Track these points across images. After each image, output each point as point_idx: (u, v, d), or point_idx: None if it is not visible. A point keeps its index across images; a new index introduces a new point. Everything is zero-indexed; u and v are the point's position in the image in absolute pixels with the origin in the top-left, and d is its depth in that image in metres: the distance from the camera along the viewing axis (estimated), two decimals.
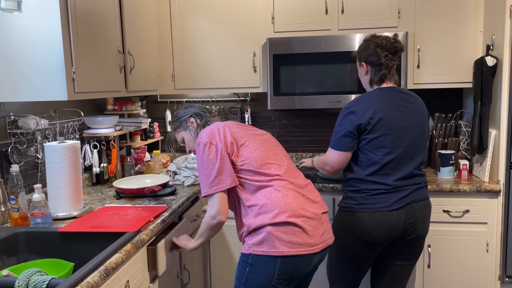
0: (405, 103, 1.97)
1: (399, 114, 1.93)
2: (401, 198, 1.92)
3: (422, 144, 1.99)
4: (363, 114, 1.89)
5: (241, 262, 1.70)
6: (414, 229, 1.96)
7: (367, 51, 2.00)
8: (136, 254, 1.65)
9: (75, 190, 1.95)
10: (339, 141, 1.94)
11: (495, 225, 2.45)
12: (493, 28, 2.49)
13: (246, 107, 3.11)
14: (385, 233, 1.92)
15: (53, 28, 1.76)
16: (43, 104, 2.20)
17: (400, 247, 2.01)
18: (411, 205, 1.94)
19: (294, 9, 2.75)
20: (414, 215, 1.95)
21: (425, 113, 2.04)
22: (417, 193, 1.97)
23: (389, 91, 1.97)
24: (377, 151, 1.91)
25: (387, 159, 1.91)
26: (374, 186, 1.92)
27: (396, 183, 1.92)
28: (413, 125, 1.95)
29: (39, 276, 1.32)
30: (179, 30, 2.85)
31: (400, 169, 1.93)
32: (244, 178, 1.68)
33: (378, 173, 1.92)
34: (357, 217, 1.94)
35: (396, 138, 1.91)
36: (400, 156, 1.92)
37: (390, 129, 1.90)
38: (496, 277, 2.49)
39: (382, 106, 1.92)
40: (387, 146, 1.90)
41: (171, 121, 1.99)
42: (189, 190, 2.41)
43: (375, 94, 1.96)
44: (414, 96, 2.03)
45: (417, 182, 1.98)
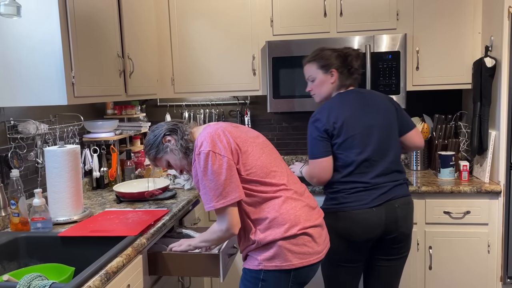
0: (366, 102, 1.99)
1: (362, 113, 1.95)
2: (380, 195, 1.91)
3: (393, 139, 1.99)
4: (327, 120, 1.93)
5: (250, 278, 1.62)
6: (396, 227, 1.94)
7: (338, 59, 2.01)
8: (136, 258, 1.65)
9: (75, 195, 1.95)
10: (314, 149, 1.95)
11: (496, 226, 2.45)
12: (491, 29, 2.50)
13: (245, 110, 3.11)
14: (367, 231, 1.90)
15: (52, 33, 1.76)
16: (43, 109, 2.20)
17: (386, 247, 1.99)
18: (391, 202, 1.93)
19: (293, 12, 2.76)
20: (395, 212, 1.93)
21: (391, 106, 2.03)
22: (397, 190, 1.96)
23: (349, 94, 2.01)
24: (349, 153, 1.92)
25: (360, 159, 1.91)
26: (351, 185, 1.92)
27: (374, 180, 1.92)
28: (379, 122, 1.96)
29: (40, 280, 1.31)
30: (178, 33, 2.86)
31: (375, 166, 1.93)
32: (249, 188, 1.57)
33: (354, 173, 1.92)
34: (339, 217, 1.93)
35: (364, 138, 1.92)
36: (373, 154, 1.93)
37: (355, 130, 1.92)
38: (497, 278, 2.48)
39: (344, 110, 1.94)
40: (357, 147, 1.92)
41: (145, 152, 1.74)
42: (189, 193, 2.41)
43: (337, 100, 1.99)
44: (374, 93, 2.05)
45: (396, 178, 1.97)
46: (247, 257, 1.66)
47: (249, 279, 1.62)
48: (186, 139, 1.65)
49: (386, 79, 2.65)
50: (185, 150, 1.65)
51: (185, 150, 1.65)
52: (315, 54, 2.05)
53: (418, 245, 2.52)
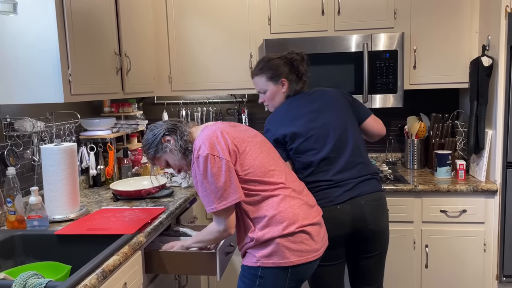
0: (316, 102, 1.98)
1: (313, 115, 1.94)
2: (344, 192, 1.89)
3: (350, 132, 1.96)
4: (277, 130, 1.93)
5: (248, 275, 1.63)
6: (364, 224, 1.90)
7: (285, 67, 1.99)
8: (133, 256, 1.64)
9: (72, 193, 1.94)
10: None
11: (492, 224, 2.46)
12: (488, 29, 2.51)
13: (243, 109, 3.11)
14: (334, 228, 1.87)
15: (49, 30, 1.75)
16: (40, 107, 2.20)
17: (358, 244, 1.96)
18: (357, 199, 1.89)
19: (291, 10, 2.76)
20: (361, 209, 1.89)
21: (342, 100, 2.02)
22: (363, 186, 1.92)
23: (298, 99, 2.00)
24: (306, 155, 1.91)
25: (319, 158, 1.90)
26: (315, 184, 1.91)
27: (336, 177, 1.89)
28: (331, 120, 1.95)
29: (36, 279, 1.31)
30: (176, 31, 2.85)
31: (335, 162, 1.91)
32: (248, 188, 1.58)
33: (315, 172, 1.91)
34: None
35: (319, 138, 1.91)
36: (331, 151, 1.91)
37: (309, 133, 1.91)
38: (493, 276, 2.49)
39: (293, 117, 1.94)
40: (313, 148, 1.91)
41: (144, 151, 1.74)
42: (186, 191, 2.41)
43: (285, 108, 1.99)
44: (325, 92, 2.03)
45: (362, 173, 1.93)
46: (246, 254, 1.67)
47: (247, 275, 1.63)
48: (185, 140, 1.66)
49: (384, 78, 2.65)
50: (184, 150, 1.66)
51: (184, 151, 1.66)
52: (262, 66, 2.02)
53: (414, 244, 2.53)
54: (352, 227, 1.91)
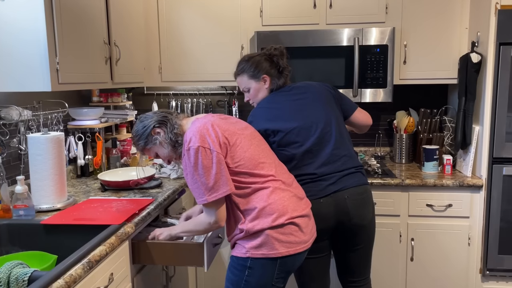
0: (298, 95, 1.99)
1: (296, 108, 1.95)
2: (327, 186, 1.89)
3: (333, 125, 1.96)
4: (258, 124, 1.93)
5: (237, 266, 1.65)
6: (348, 218, 1.91)
7: (265, 63, 2.00)
8: (120, 247, 1.64)
9: (59, 182, 1.93)
10: None
11: (477, 219, 2.50)
12: (478, 25, 2.52)
13: (233, 101, 3.10)
14: (318, 222, 1.87)
15: (36, 18, 1.73)
16: (27, 95, 2.17)
17: (343, 238, 1.98)
18: (340, 193, 1.89)
19: (283, 3, 2.74)
20: (345, 203, 1.90)
21: (327, 94, 2.02)
22: (346, 180, 1.92)
23: (280, 93, 2.00)
24: (289, 148, 1.92)
25: (301, 151, 1.90)
26: (299, 178, 1.90)
27: (319, 170, 1.90)
28: (315, 113, 1.95)
29: (21, 268, 1.30)
30: (167, 22, 2.83)
31: (318, 155, 1.92)
32: (239, 180, 1.60)
33: (298, 165, 1.92)
34: None
35: (301, 131, 1.92)
36: (314, 144, 1.91)
37: (291, 125, 1.91)
38: (477, 270, 2.54)
39: (276, 110, 1.94)
40: (296, 141, 1.91)
41: (133, 142, 1.74)
42: (175, 183, 2.40)
43: (267, 100, 1.99)
44: (309, 85, 2.04)
45: (346, 167, 1.93)
46: (235, 245, 1.68)
47: (237, 266, 1.65)
48: (175, 133, 1.67)
49: (374, 72, 2.66)
50: (174, 143, 1.67)
51: (174, 143, 1.67)
52: (243, 65, 2.03)
53: (400, 237, 2.56)
54: (335, 221, 1.91)
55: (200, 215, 1.65)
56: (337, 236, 1.99)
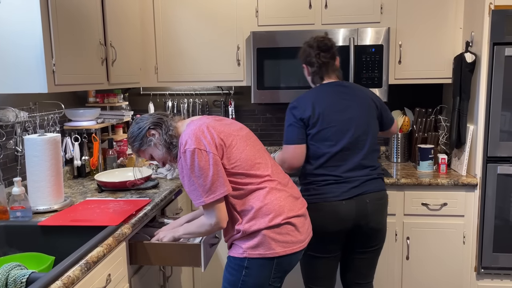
0: (347, 96, 2.01)
1: (341, 107, 1.97)
2: (351, 188, 1.94)
3: (369, 135, 2.00)
4: (305, 110, 1.96)
5: (234, 266, 1.66)
6: (366, 221, 1.96)
7: (303, 53, 2.09)
8: (117, 248, 1.65)
9: (56, 184, 1.93)
10: (289, 135, 1.98)
11: (472, 218, 2.52)
12: (472, 25, 2.54)
13: (229, 101, 3.11)
14: (336, 223, 1.93)
15: (32, 19, 1.73)
16: (23, 96, 2.17)
17: (358, 241, 2.02)
18: (362, 197, 1.94)
19: (278, 3, 2.75)
20: (365, 207, 1.95)
21: (374, 104, 2.06)
22: (369, 185, 1.97)
23: (328, 87, 2.03)
24: (321, 145, 1.95)
25: (333, 151, 1.94)
26: (323, 178, 1.95)
27: (345, 174, 1.94)
28: (357, 117, 1.98)
29: (19, 270, 1.31)
30: (162, 22, 2.83)
31: (347, 160, 1.95)
32: (235, 181, 1.60)
33: (326, 165, 1.95)
34: (310, 208, 1.94)
35: (338, 131, 1.95)
36: (346, 147, 1.95)
37: (331, 123, 1.94)
38: (472, 268, 2.56)
39: (321, 101, 1.97)
40: (330, 139, 1.94)
41: (129, 143, 1.74)
42: (172, 183, 2.41)
43: (315, 91, 2.03)
44: (357, 88, 2.07)
45: (367, 173, 1.98)
46: (232, 245, 1.69)
47: (234, 266, 1.66)
48: (170, 135, 1.67)
49: (369, 72, 2.67)
50: (169, 145, 1.68)
51: (168, 145, 1.68)
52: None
53: (396, 236, 2.58)
54: (353, 223, 1.95)
55: (201, 217, 1.66)
56: (351, 238, 2.03)
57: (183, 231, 1.74)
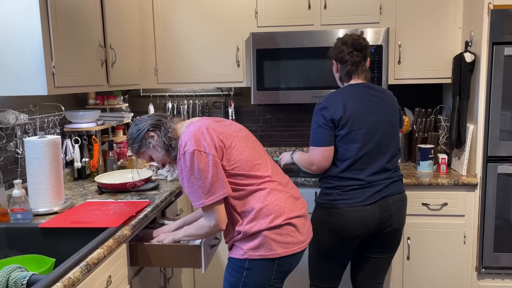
0: (375, 98, 2.01)
1: (369, 109, 1.97)
2: (375, 193, 1.96)
3: (394, 139, 2.03)
4: (335, 110, 1.94)
5: (235, 267, 1.66)
6: (390, 223, 2.00)
7: (336, 49, 2.07)
8: (118, 249, 1.65)
9: (56, 186, 1.93)
10: (319, 136, 1.97)
11: (472, 217, 2.52)
12: (471, 25, 2.54)
13: (229, 102, 3.11)
14: (360, 228, 1.96)
15: (32, 21, 1.73)
16: (23, 99, 2.17)
17: (376, 241, 2.05)
18: (385, 199, 1.98)
19: (278, 4, 2.76)
20: (389, 209, 1.98)
21: (397, 108, 2.08)
22: (391, 187, 2.00)
23: (358, 87, 2.02)
24: (349, 147, 1.94)
25: (360, 154, 1.94)
26: (348, 182, 1.96)
27: (369, 178, 1.96)
28: (384, 120, 1.99)
29: (20, 272, 1.31)
30: (162, 24, 2.83)
31: (372, 163, 1.96)
32: (235, 183, 1.60)
33: (351, 168, 1.95)
34: (333, 213, 1.97)
35: (366, 133, 1.95)
36: (372, 151, 1.96)
37: (360, 125, 1.94)
38: (473, 268, 2.56)
39: (352, 102, 1.96)
40: (358, 141, 1.94)
41: (128, 145, 1.75)
42: (172, 184, 2.41)
43: (345, 91, 2.01)
44: (384, 92, 2.07)
45: (390, 176, 2.01)
46: (233, 246, 1.69)
47: (234, 267, 1.66)
48: (169, 137, 1.67)
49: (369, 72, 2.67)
50: (168, 147, 1.68)
51: (167, 147, 1.68)
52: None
53: None
54: (376, 227, 1.98)
55: (201, 220, 1.66)
56: (371, 238, 2.04)
57: (182, 233, 1.74)
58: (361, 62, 2.03)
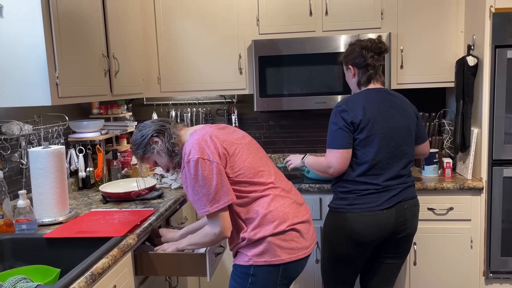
0: (392, 104, 2.01)
1: (387, 115, 1.97)
2: (391, 197, 1.96)
3: (409, 145, 2.03)
4: (356, 114, 1.93)
5: (240, 274, 1.65)
6: (404, 228, 2.00)
7: (353, 54, 2.04)
8: (123, 259, 1.65)
9: (61, 196, 1.94)
10: (338, 139, 1.94)
11: (479, 221, 2.50)
12: (473, 29, 2.54)
13: (233, 109, 3.12)
14: (376, 232, 1.95)
15: (35, 32, 1.74)
16: (27, 109, 2.18)
17: (391, 246, 2.05)
18: (401, 204, 1.98)
19: (279, 11, 2.77)
20: (404, 213, 1.99)
21: (413, 114, 2.07)
22: (406, 192, 2.01)
23: (377, 92, 2.02)
24: (367, 151, 1.94)
25: (377, 159, 1.94)
26: (364, 187, 1.95)
27: (385, 183, 1.96)
28: (400, 126, 1.99)
29: (25, 283, 1.31)
30: (164, 32, 2.85)
31: (388, 169, 1.96)
32: (239, 190, 1.60)
33: (368, 173, 1.95)
34: (348, 218, 1.96)
35: (384, 139, 1.95)
36: (388, 156, 1.96)
37: (378, 130, 1.94)
38: (480, 273, 2.53)
39: (371, 107, 1.96)
40: (375, 146, 1.93)
41: (132, 151, 1.76)
42: (176, 193, 2.41)
43: (364, 95, 2.00)
44: (401, 98, 2.08)
45: (405, 181, 2.02)
46: (237, 253, 1.69)
47: (239, 274, 1.65)
48: (172, 143, 1.68)
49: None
50: (171, 153, 1.68)
51: (170, 153, 1.68)
52: (345, 50, 2.11)
53: None
54: (392, 231, 1.98)
55: (205, 227, 1.65)
56: (384, 243, 2.04)
57: (187, 242, 1.73)
58: (380, 66, 2.04)
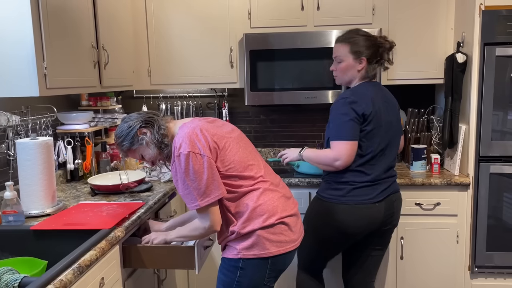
0: (387, 98, 2.07)
1: (385, 108, 2.02)
2: (383, 190, 2.00)
3: (398, 138, 2.11)
4: (367, 105, 1.93)
5: (229, 267, 1.66)
6: (391, 220, 2.06)
7: (372, 47, 1.99)
8: (111, 251, 1.64)
9: (48, 187, 1.92)
10: (348, 130, 1.90)
11: (465, 217, 2.53)
12: (463, 26, 2.56)
13: (223, 103, 3.11)
14: (366, 225, 1.99)
15: (23, 22, 1.72)
16: (15, 100, 2.16)
17: (376, 238, 2.08)
18: (390, 197, 2.03)
19: (271, 5, 2.76)
20: (392, 206, 2.04)
21: (398, 107, 2.14)
22: (394, 186, 2.07)
23: (376, 86, 2.05)
24: (371, 142, 1.96)
25: (377, 150, 1.98)
26: (361, 178, 1.96)
27: (379, 175, 2.00)
28: (394, 120, 2.06)
29: (11, 274, 1.30)
30: (155, 25, 2.83)
31: (382, 161, 2.00)
32: (229, 184, 1.60)
33: (367, 164, 1.97)
34: (340, 210, 1.98)
35: (383, 131, 1.99)
36: (385, 148, 2.00)
37: (380, 122, 1.97)
38: (466, 267, 2.57)
39: (377, 99, 1.99)
40: (378, 138, 1.97)
41: (117, 143, 1.69)
42: (165, 186, 2.41)
43: (369, 87, 2.01)
44: (388, 91, 2.13)
45: (393, 174, 2.08)
46: (226, 247, 1.69)
47: (228, 267, 1.66)
48: (162, 134, 1.65)
49: None
50: (160, 144, 1.66)
51: (160, 145, 1.66)
52: (350, 37, 2.01)
53: None
54: (380, 224, 2.01)
55: (195, 221, 1.65)
56: (371, 237, 2.07)
57: (175, 234, 1.73)
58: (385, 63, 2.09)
